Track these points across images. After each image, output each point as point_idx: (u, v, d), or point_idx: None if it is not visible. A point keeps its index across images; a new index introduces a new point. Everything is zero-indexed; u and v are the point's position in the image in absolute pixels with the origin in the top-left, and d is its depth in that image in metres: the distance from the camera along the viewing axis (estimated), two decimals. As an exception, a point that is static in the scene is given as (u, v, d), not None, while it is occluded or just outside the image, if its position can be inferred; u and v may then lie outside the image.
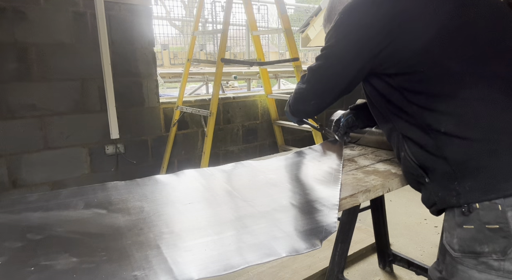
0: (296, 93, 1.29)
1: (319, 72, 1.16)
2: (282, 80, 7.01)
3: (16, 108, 2.40)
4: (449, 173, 0.93)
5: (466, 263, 0.93)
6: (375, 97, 1.12)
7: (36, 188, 2.56)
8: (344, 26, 1.07)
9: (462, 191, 0.91)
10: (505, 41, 0.97)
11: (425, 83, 0.96)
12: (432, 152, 0.96)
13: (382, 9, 0.99)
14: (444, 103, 0.93)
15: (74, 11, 2.49)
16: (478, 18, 0.97)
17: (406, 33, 0.96)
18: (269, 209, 1.06)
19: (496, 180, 0.87)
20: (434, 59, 0.95)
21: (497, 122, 0.89)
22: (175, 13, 6.93)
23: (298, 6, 8.90)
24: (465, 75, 0.92)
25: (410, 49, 0.96)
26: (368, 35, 1.00)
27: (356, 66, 1.05)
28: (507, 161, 0.87)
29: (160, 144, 3.08)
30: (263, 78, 3.60)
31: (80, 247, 0.90)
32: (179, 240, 0.92)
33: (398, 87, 1.01)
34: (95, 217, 1.05)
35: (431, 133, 0.96)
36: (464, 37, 0.95)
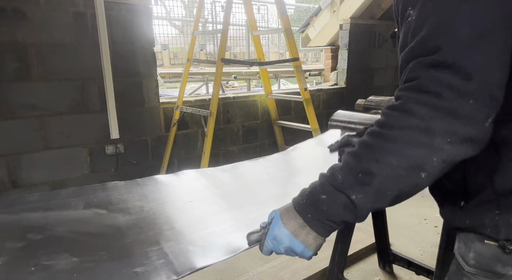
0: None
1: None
2: (282, 80, 7.01)
3: (16, 108, 2.40)
4: (490, 202, 0.75)
5: (474, 278, 0.82)
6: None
7: (36, 188, 2.56)
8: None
9: (503, 224, 0.74)
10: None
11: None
12: (486, 173, 0.75)
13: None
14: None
15: (74, 11, 2.49)
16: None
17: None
18: (269, 199, 1.06)
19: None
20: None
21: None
22: (175, 13, 6.94)
23: (298, 6, 8.90)
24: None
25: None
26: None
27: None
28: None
29: (160, 144, 3.08)
30: (263, 78, 3.60)
31: (80, 246, 0.91)
32: (179, 235, 0.93)
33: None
34: (95, 217, 1.05)
35: (502, 150, 0.71)
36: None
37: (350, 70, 4.39)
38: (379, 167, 0.65)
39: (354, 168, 0.68)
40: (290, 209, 0.75)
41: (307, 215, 0.72)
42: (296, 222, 0.73)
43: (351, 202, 0.68)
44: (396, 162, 0.64)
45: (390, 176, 0.65)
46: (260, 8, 6.36)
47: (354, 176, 0.67)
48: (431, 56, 0.63)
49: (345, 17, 4.28)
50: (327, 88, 4.29)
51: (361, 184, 0.67)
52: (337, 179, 0.69)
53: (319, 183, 0.72)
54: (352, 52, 4.34)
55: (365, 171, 0.66)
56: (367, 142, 0.68)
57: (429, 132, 0.62)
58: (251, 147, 3.65)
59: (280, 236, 0.74)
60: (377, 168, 0.65)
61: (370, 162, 0.66)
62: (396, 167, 0.64)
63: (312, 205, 0.72)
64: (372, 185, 0.66)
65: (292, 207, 0.75)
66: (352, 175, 0.68)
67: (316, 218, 0.71)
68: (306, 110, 3.22)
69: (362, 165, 0.67)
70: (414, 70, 0.65)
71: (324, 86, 4.60)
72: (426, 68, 0.63)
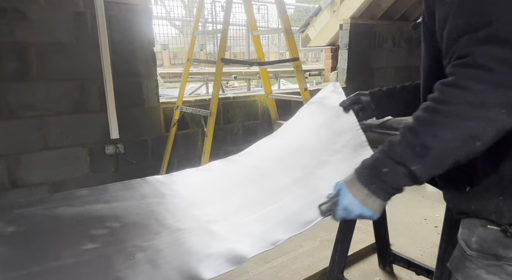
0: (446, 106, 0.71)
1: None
2: (282, 80, 7.02)
3: (16, 108, 2.40)
4: (495, 187, 0.80)
5: (476, 261, 0.87)
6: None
7: (35, 188, 2.56)
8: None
9: (506, 210, 0.78)
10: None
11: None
12: (492, 160, 0.79)
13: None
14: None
15: (74, 11, 2.49)
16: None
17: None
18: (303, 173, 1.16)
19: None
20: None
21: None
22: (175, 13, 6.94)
23: (298, 6, 8.91)
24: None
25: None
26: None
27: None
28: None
29: (160, 144, 3.08)
30: (263, 78, 3.60)
31: (163, 229, 0.98)
32: (253, 211, 1.03)
33: None
34: (158, 205, 1.13)
35: (509, 136, 0.72)
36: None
37: (350, 70, 4.39)
38: (437, 141, 0.69)
39: (411, 142, 0.73)
40: (355, 181, 0.82)
41: (372, 186, 0.80)
42: (362, 193, 0.81)
43: (410, 172, 0.74)
44: (452, 135, 0.68)
45: (447, 148, 0.70)
46: (260, 8, 6.37)
47: (412, 149, 0.73)
48: (481, 31, 0.65)
49: (345, 17, 4.28)
50: (327, 88, 4.28)
51: (419, 157, 0.72)
52: (396, 153, 0.75)
53: (380, 157, 0.79)
54: (352, 52, 4.34)
55: (422, 145, 0.71)
56: (424, 117, 0.72)
57: (483, 106, 0.65)
58: (251, 147, 3.65)
59: (350, 206, 0.83)
60: (435, 142, 0.70)
61: (428, 137, 0.70)
62: (452, 140, 0.68)
63: (376, 177, 0.79)
64: (430, 157, 0.71)
65: (356, 180, 0.82)
66: (410, 148, 0.73)
67: (380, 188, 0.79)
68: (306, 110, 3.22)
69: (419, 139, 0.71)
70: (466, 45, 0.67)
71: (324, 85, 4.60)
72: (477, 43, 0.66)
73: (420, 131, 0.72)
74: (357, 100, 1.29)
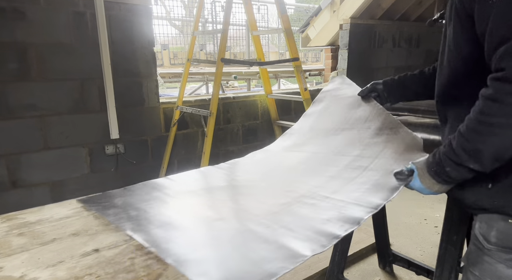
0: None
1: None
2: (282, 80, 7.01)
3: (16, 108, 2.40)
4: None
5: (495, 256, 0.90)
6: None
7: (35, 188, 2.56)
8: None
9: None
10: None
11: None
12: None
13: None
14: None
15: (74, 11, 2.48)
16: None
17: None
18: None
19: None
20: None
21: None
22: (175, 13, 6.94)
23: (298, 6, 8.90)
24: None
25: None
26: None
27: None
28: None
29: (160, 144, 3.08)
30: (263, 78, 3.60)
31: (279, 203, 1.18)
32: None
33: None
34: (247, 182, 1.36)
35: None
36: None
37: (350, 70, 4.39)
38: (486, 145, 0.80)
39: (465, 148, 0.84)
40: (425, 172, 0.97)
41: (438, 179, 0.94)
42: (430, 182, 0.96)
43: (470, 168, 0.85)
44: (499, 140, 0.78)
45: (498, 149, 0.80)
46: (260, 8, 6.36)
47: (466, 153, 0.84)
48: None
49: (345, 17, 4.28)
50: (327, 88, 4.28)
51: (474, 157, 0.83)
52: (454, 155, 0.87)
53: (443, 158, 0.91)
54: (352, 52, 4.34)
55: (474, 149, 0.83)
56: (471, 126, 0.84)
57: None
58: (251, 147, 3.65)
59: (419, 189, 1.00)
60: (484, 146, 0.81)
61: (477, 143, 0.82)
62: (501, 143, 0.79)
63: (442, 173, 0.92)
64: (484, 157, 0.82)
65: (426, 172, 0.97)
66: (465, 152, 0.85)
67: (444, 180, 0.93)
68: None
69: (472, 144, 0.83)
70: (501, 58, 0.75)
71: (324, 86, 4.60)
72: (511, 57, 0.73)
73: (470, 138, 0.83)
74: (373, 89, 1.45)
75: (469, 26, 0.85)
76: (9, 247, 0.96)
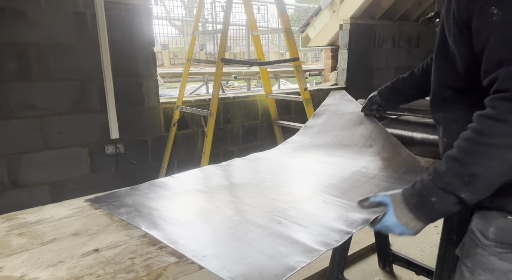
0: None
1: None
2: (282, 80, 7.01)
3: (16, 108, 2.40)
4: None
5: (488, 248, 0.89)
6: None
7: (35, 188, 2.56)
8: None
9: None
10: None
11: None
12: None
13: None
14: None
15: (74, 11, 2.49)
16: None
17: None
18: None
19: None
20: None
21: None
22: (175, 13, 6.93)
23: (298, 6, 8.90)
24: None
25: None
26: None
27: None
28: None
29: (160, 144, 3.08)
30: (263, 78, 3.60)
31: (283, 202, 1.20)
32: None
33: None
34: (253, 183, 1.37)
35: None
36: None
37: (350, 70, 4.39)
38: (483, 169, 0.75)
39: (459, 172, 0.78)
40: (402, 204, 0.88)
41: (418, 212, 0.85)
42: (407, 217, 0.87)
43: (460, 199, 0.79)
44: (497, 162, 0.74)
45: (494, 175, 0.76)
46: (260, 8, 6.36)
47: (460, 178, 0.78)
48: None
49: (345, 17, 4.28)
50: (327, 88, 4.29)
51: (468, 185, 0.77)
52: (444, 182, 0.81)
53: (428, 186, 0.83)
54: (352, 52, 4.34)
55: (470, 174, 0.77)
56: (468, 148, 0.78)
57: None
58: (251, 147, 3.65)
59: (392, 226, 0.90)
60: (482, 170, 0.76)
61: (475, 166, 0.76)
62: (497, 167, 0.74)
63: (423, 205, 0.84)
64: (478, 184, 0.77)
65: (403, 204, 0.88)
66: (458, 178, 0.79)
67: (426, 215, 0.85)
68: (306, 110, 3.22)
69: (466, 169, 0.77)
70: (505, 79, 0.73)
71: (324, 86, 4.60)
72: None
73: (467, 161, 0.77)
74: (372, 102, 1.53)
75: (466, 34, 0.83)
76: (9, 247, 0.96)
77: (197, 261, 0.87)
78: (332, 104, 1.80)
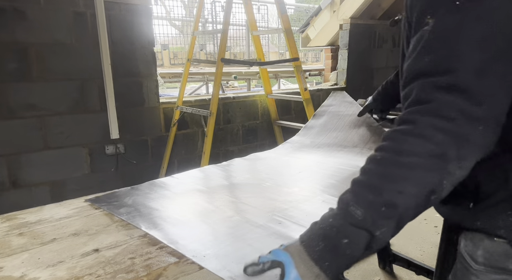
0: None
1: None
2: (282, 80, 7.01)
3: (16, 108, 2.40)
4: (504, 203, 0.73)
5: (483, 276, 0.81)
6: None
7: (36, 188, 2.56)
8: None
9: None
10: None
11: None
12: (501, 175, 0.73)
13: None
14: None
15: (74, 11, 2.49)
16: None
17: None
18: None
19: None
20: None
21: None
22: (175, 13, 6.94)
23: (298, 6, 8.91)
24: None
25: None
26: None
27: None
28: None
29: (160, 144, 3.08)
30: (263, 78, 3.60)
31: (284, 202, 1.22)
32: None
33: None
34: (249, 183, 1.38)
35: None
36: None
37: (350, 70, 4.39)
38: (403, 197, 0.61)
39: (374, 201, 0.62)
40: (304, 256, 0.65)
41: (325, 263, 0.64)
42: (312, 273, 0.64)
43: (373, 239, 0.63)
44: (417, 190, 0.61)
45: (412, 205, 0.62)
46: (260, 8, 6.36)
47: (376, 210, 0.62)
48: (444, 77, 0.61)
49: (345, 17, 4.28)
50: (327, 88, 4.29)
51: (385, 218, 0.62)
52: (356, 217, 0.62)
53: (335, 224, 0.64)
54: (352, 52, 4.34)
55: (388, 204, 0.61)
56: (383, 171, 0.63)
57: (444, 158, 0.60)
58: (251, 147, 3.65)
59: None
60: (401, 199, 0.61)
61: (392, 193, 0.61)
62: (416, 196, 0.61)
63: (332, 252, 0.64)
64: (396, 217, 0.62)
65: (306, 254, 0.65)
66: (373, 209, 0.62)
67: (335, 265, 0.64)
68: (306, 110, 3.22)
69: (383, 197, 0.61)
70: (425, 91, 0.63)
71: (324, 86, 4.60)
72: (438, 90, 0.61)
73: (383, 187, 0.62)
74: (369, 109, 1.55)
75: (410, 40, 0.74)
76: (9, 247, 0.96)
77: (197, 261, 0.87)
78: (333, 105, 1.81)
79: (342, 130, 1.66)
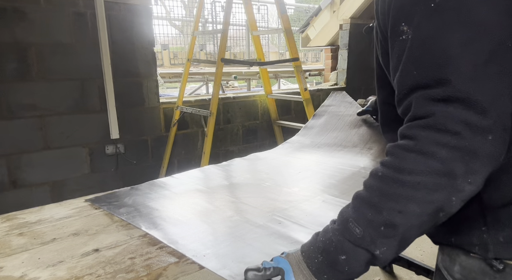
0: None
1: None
2: (282, 80, 7.01)
3: (16, 108, 2.40)
4: (476, 218, 0.69)
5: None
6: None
7: (36, 188, 2.56)
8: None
9: (491, 242, 0.68)
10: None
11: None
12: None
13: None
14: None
15: (74, 11, 2.49)
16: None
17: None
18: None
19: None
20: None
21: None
22: (175, 13, 6.95)
23: (298, 6, 8.92)
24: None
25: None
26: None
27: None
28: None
29: (160, 144, 3.08)
30: (263, 78, 3.60)
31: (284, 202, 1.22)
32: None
33: None
34: (248, 182, 1.39)
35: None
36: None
37: (350, 70, 4.39)
38: (403, 217, 0.59)
39: (373, 220, 0.61)
40: (303, 266, 0.66)
41: (323, 276, 0.65)
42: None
43: (373, 257, 0.62)
44: (419, 209, 0.58)
45: (415, 224, 0.60)
46: (260, 8, 6.37)
47: (375, 229, 0.60)
48: (439, 88, 0.57)
49: (345, 17, 4.28)
50: (327, 88, 4.29)
51: (385, 237, 0.60)
52: (355, 234, 0.62)
53: (334, 240, 0.64)
54: (352, 52, 4.34)
55: (387, 224, 0.59)
56: (383, 189, 0.61)
57: (450, 175, 0.57)
58: (251, 147, 3.65)
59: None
60: (401, 219, 0.59)
61: (392, 213, 0.59)
62: (420, 215, 0.59)
63: (330, 267, 0.64)
64: (396, 236, 0.60)
65: (305, 264, 0.66)
66: (372, 228, 0.61)
67: (333, 279, 0.65)
68: (306, 110, 3.22)
69: (382, 216, 0.60)
70: (422, 104, 0.59)
71: (324, 86, 4.60)
72: (436, 103, 0.58)
73: (383, 206, 0.60)
74: (368, 112, 1.57)
75: (387, 51, 0.70)
76: (9, 247, 0.96)
77: (197, 261, 0.87)
78: (333, 105, 1.81)
79: (342, 130, 1.66)
